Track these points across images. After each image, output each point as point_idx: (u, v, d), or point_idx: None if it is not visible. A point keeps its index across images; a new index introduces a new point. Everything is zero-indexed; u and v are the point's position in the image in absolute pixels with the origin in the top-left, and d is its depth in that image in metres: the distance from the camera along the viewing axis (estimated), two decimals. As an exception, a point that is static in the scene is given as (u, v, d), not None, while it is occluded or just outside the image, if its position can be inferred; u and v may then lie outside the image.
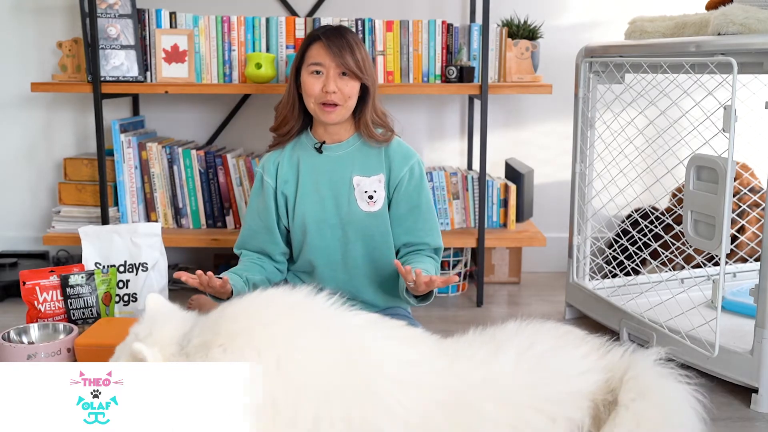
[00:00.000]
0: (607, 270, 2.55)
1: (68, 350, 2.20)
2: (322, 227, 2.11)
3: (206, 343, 1.43)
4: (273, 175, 2.15)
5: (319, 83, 2.03)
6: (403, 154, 2.13)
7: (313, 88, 2.03)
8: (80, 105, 3.11)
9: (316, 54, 2.03)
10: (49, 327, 2.30)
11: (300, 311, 1.52)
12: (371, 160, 2.12)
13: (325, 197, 2.11)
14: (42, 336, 2.28)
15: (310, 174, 2.12)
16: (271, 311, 1.50)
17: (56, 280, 2.38)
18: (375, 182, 2.10)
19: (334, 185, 2.11)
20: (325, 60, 2.02)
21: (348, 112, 2.08)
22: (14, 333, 2.24)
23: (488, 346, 1.58)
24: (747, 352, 1.93)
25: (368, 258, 2.14)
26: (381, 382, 1.45)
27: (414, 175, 2.11)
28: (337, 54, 2.00)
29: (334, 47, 2.01)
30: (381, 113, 2.13)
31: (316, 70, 2.03)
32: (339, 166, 2.11)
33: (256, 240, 2.19)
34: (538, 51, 2.83)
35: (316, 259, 2.14)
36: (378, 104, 2.13)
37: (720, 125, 1.90)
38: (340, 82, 2.02)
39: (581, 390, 1.51)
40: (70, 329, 2.27)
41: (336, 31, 2.05)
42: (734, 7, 1.99)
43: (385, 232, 2.12)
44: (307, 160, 2.14)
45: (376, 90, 2.12)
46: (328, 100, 2.02)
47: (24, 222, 3.19)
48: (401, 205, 2.12)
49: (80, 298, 2.39)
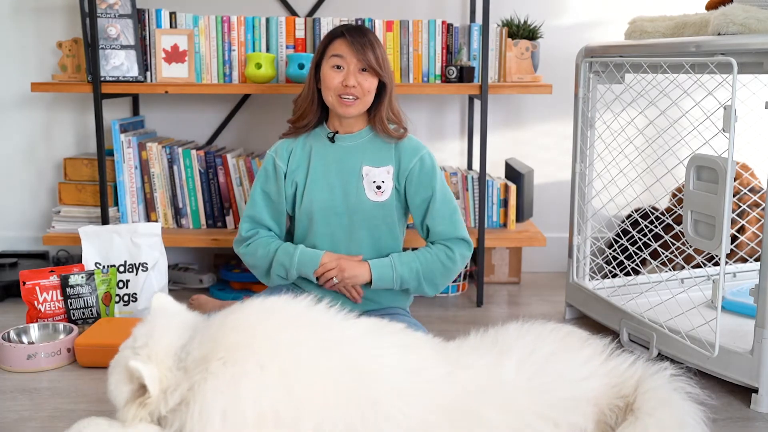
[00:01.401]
0: (607, 270, 2.55)
1: (68, 350, 2.21)
2: (329, 214, 2.15)
3: (205, 356, 1.43)
4: (285, 160, 2.19)
5: (340, 77, 2.09)
6: (412, 146, 2.18)
7: (333, 81, 2.09)
8: (80, 105, 3.11)
9: (339, 49, 2.10)
10: (49, 327, 2.31)
11: (301, 322, 1.52)
12: (381, 152, 2.17)
13: (334, 185, 2.15)
14: (42, 336, 2.28)
15: (321, 162, 2.17)
16: (272, 322, 1.50)
17: (56, 280, 2.38)
18: (384, 173, 2.15)
19: (344, 174, 2.15)
20: (347, 55, 2.09)
21: (365, 107, 2.14)
22: (14, 333, 2.24)
23: (490, 352, 1.57)
24: (747, 352, 1.93)
25: (373, 247, 2.18)
26: (382, 391, 1.45)
27: (425, 165, 2.16)
28: (359, 50, 2.08)
29: (356, 44, 2.08)
30: (396, 111, 2.19)
31: (337, 64, 2.10)
32: (349, 156, 2.16)
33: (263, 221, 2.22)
34: (538, 51, 2.83)
35: (320, 245, 2.17)
36: (394, 102, 2.19)
37: (720, 125, 1.90)
38: (359, 77, 2.09)
39: (584, 395, 1.51)
40: (70, 329, 2.28)
41: (358, 29, 2.13)
42: (734, 7, 1.99)
43: (390, 222, 2.17)
44: (319, 149, 2.18)
45: (393, 88, 2.18)
46: (347, 92, 2.08)
47: (24, 222, 3.19)
48: (417, 195, 2.16)
49: (80, 298, 2.39)
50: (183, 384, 1.43)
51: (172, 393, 1.43)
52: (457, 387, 1.50)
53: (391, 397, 1.45)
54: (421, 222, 2.19)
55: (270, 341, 1.45)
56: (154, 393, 1.43)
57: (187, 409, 1.40)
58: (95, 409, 1.90)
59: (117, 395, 1.49)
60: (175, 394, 1.43)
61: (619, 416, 1.52)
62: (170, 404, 1.43)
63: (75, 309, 2.39)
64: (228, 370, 1.40)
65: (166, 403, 1.43)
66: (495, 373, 1.53)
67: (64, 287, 2.37)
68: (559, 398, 1.50)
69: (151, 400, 1.44)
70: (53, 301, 2.37)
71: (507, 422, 1.47)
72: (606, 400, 1.53)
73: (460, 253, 2.16)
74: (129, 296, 2.55)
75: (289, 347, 1.45)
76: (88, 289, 2.40)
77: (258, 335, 1.46)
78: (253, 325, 1.48)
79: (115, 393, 1.49)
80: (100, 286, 2.42)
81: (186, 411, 1.40)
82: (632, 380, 1.56)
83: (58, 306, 2.38)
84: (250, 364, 1.40)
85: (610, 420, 1.52)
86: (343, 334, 1.52)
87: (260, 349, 1.43)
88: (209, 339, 1.46)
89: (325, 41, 2.14)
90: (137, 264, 2.55)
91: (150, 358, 1.45)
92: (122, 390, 1.48)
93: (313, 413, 1.39)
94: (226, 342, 1.44)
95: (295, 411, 1.39)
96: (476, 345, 1.62)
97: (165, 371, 1.45)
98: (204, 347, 1.45)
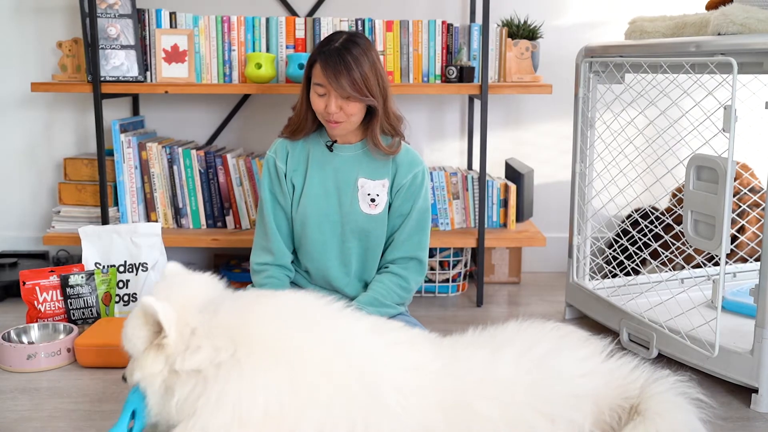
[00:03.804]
0: (607, 270, 2.55)
1: (68, 350, 2.21)
2: (323, 221, 2.14)
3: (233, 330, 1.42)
4: (284, 160, 2.17)
5: (323, 102, 2.04)
6: (409, 161, 2.15)
7: (318, 107, 2.06)
8: (80, 105, 3.11)
9: (317, 77, 2.04)
10: (49, 327, 2.31)
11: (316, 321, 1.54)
12: (378, 165, 2.14)
13: (330, 193, 2.14)
14: (42, 336, 2.28)
15: (318, 169, 2.15)
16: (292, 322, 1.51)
17: (56, 280, 2.38)
18: (379, 186, 2.13)
19: (340, 183, 2.14)
20: (325, 84, 2.02)
21: (353, 126, 2.10)
22: (14, 333, 2.24)
23: (488, 347, 1.58)
24: (747, 352, 1.93)
25: (360, 258, 2.17)
26: (385, 390, 1.46)
27: (415, 182, 2.14)
28: (333, 81, 1.99)
29: (331, 73, 1.99)
30: (395, 118, 2.12)
31: (318, 92, 2.04)
32: (346, 166, 2.14)
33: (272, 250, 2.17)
34: (538, 51, 2.83)
35: (312, 251, 2.17)
36: (392, 111, 2.12)
37: (720, 125, 1.90)
38: (342, 102, 2.02)
39: (582, 392, 1.52)
40: (70, 329, 2.28)
41: (335, 53, 2.00)
42: (734, 7, 1.99)
43: (380, 235, 2.16)
44: (316, 154, 2.16)
45: (388, 99, 2.09)
46: (330, 119, 2.05)
47: (24, 222, 3.19)
48: (397, 208, 2.15)
49: (80, 298, 2.39)
50: (205, 347, 1.41)
51: (194, 352, 1.40)
52: (454, 381, 1.51)
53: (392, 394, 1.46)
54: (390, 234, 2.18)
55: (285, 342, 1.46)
56: (170, 332, 1.41)
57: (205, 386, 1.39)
58: (95, 409, 1.90)
59: (135, 342, 1.46)
60: (197, 354, 1.40)
61: (622, 417, 1.52)
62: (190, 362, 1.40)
63: (75, 309, 2.39)
64: (251, 360, 1.40)
65: (183, 358, 1.41)
66: (491, 367, 1.53)
67: (64, 287, 2.37)
68: (557, 394, 1.50)
69: (168, 341, 1.41)
70: (53, 301, 2.38)
71: (503, 416, 1.47)
72: (607, 399, 1.53)
73: (414, 280, 2.17)
74: (129, 296, 2.55)
75: (304, 349, 1.46)
76: (88, 289, 2.40)
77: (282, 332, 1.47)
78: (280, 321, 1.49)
79: (133, 341, 1.46)
80: (100, 286, 2.42)
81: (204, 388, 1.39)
82: (637, 383, 1.56)
83: (58, 306, 2.38)
84: (269, 360, 1.41)
85: (611, 420, 1.52)
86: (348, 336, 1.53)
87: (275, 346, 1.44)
88: (239, 314, 1.46)
89: (308, 64, 2.08)
90: (137, 264, 2.55)
91: (168, 300, 1.44)
92: (139, 335, 1.45)
93: (316, 411, 1.40)
94: (254, 330, 1.44)
95: (299, 411, 1.39)
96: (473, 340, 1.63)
97: (185, 315, 1.44)
98: (232, 320, 1.44)
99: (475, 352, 1.57)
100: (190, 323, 1.44)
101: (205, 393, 1.39)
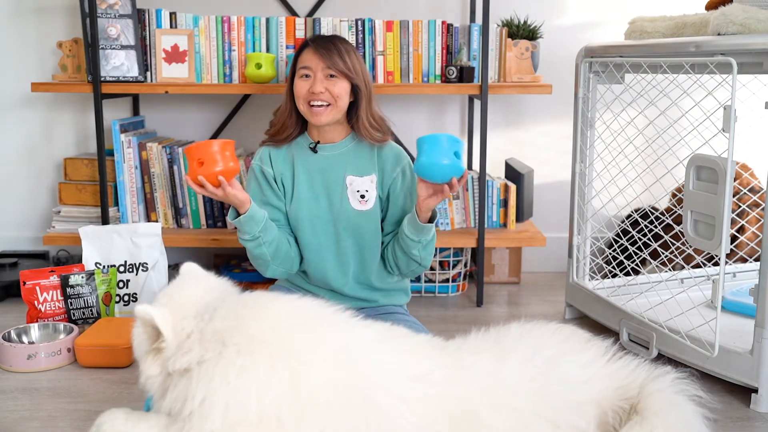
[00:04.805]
0: (607, 270, 2.56)
1: (68, 350, 2.21)
2: (315, 223, 2.14)
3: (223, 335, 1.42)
4: (270, 164, 2.17)
5: (307, 85, 2.06)
6: (394, 155, 2.16)
7: (302, 90, 2.07)
8: (80, 105, 3.11)
9: (305, 59, 2.08)
10: (49, 327, 2.31)
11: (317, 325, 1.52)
12: (364, 161, 2.15)
13: (319, 195, 2.14)
14: (42, 336, 2.28)
15: (305, 172, 2.15)
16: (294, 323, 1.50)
17: (56, 280, 2.38)
18: (367, 182, 2.14)
19: (328, 183, 2.14)
20: (312, 63, 2.06)
21: (338, 114, 2.10)
22: (14, 333, 2.24)
23: (492, 354, 1.57)
24: (747, 352, 1.93)
25: (357, 255, 2.17)
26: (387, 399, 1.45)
27: (405, 178, 2.15)
28: (324, 55, 2.05)
29: (321, 49, 2.06)
30: (378, 118, 2.15)
31: (305, 74, 2.08)
32: (333, 165, 2.14)
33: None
34: (538, 51, 2.83)
35: (307, 253, 2.16)
36: (375, 109, 2.15)
37: (720, 125, 1.90)
38: (328, 83, 2.05)
39: (586, 397, 1.51)
40: (70, 329, 2.28)
41: (325, 37, 2.12)
42: (734, 7, 1.99)
43: (374, 230, 2.15)
44: (301, 158, 2.16)
45: (371, 93, 2.13)
46: (316, 98, 2.05)
47: (24, 222, 3.19)
48: (394, 206, 2.16)
49: (80, 298, 2.39)
50: (196, 349, 1.42)
51: (185, 353, 1.41)
52: (458, 388, 1.50)
53: (395, 403, 1.45)
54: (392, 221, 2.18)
55: (287, 343, 1.45)
56: (167, 334, 1.42)
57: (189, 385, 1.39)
58: (95, 409, 1.90)
59: (139, 349, 1.48)
60: (187, 355, 1.41)
61: (623, 417, 1.52)
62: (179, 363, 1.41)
63: (75, 309, 2.39)
64: (240, 359, 1.39)
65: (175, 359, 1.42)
66: (496, 374, 1.53)
67: (64, 287, 2.37)
68: (561, 400, 1.50)
69: (166, 344, 1.42)
70: (53, 301, 2.38)
71: (507, 424, 1.47)
72: (609, 402, 1.53)
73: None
74: (129, 296, 2.55)
75: (304, 351, 1.45)
76: (88, 289, 2.40)
77: (279, 333, 1.46)
78: (277, 322, 1.48)
79: (137, 348, 1.49)
80: (100, 286, 2.42)
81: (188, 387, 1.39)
82: (636, 383, 1.56)
83: (59, 306, 2.38)
84: (262, 359, 1.40)
85: (613, 421, 1.52)
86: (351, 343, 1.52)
87: (276, 348, 1.43)
88: (233, 317, 1.46)
89: (295, 54, 2.13)
90: (137, 264, 2.56)
91: (165, 306, 1.45)
92: (142, 341, 1.47)
93: (317, 417, 1.39)
94: (246, 330, 1.43)
95: (299, 415, 1.38)
96: (477, 346, 1.62)
97: (181, 319, 1.44)
98: (225, 323, 1.45)
99: (479, 359, 1.56)
100: (186, 327, 1.45)
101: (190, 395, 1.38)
